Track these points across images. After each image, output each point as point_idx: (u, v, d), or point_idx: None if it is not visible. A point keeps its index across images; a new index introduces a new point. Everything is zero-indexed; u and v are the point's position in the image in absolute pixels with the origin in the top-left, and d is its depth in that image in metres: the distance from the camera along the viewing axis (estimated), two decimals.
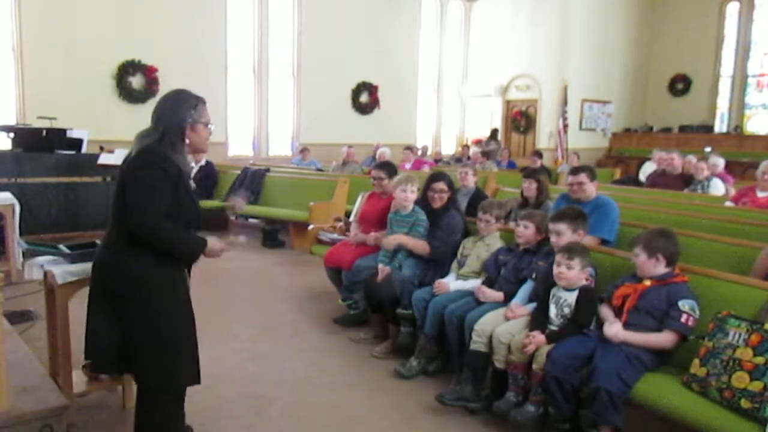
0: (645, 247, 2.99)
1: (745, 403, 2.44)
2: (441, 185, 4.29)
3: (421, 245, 4.16)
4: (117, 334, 2.39)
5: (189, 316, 2.53)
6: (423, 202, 4.38)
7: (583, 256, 3.17)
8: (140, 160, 2.32)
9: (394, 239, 4.17)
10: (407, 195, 4.28)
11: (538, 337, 3.06)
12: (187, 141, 2.46)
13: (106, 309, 2.40)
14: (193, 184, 2.53)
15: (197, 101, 2.48)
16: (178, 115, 2.41)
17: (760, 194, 5.49)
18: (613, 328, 2.90)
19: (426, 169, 9.54)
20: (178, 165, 2.37)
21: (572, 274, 3.15)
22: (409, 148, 10.79)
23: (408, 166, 10.08)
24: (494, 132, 14.02)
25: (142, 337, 2.37)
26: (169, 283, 2.44)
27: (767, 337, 2.50)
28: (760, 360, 2.47)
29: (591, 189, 4.21)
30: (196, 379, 2.55)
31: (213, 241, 2.52)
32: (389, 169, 4.90)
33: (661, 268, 2.97)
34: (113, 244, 2.40)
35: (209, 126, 2.53)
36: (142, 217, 2.28)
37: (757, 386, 2.43)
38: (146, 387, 2.49)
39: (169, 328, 2.42)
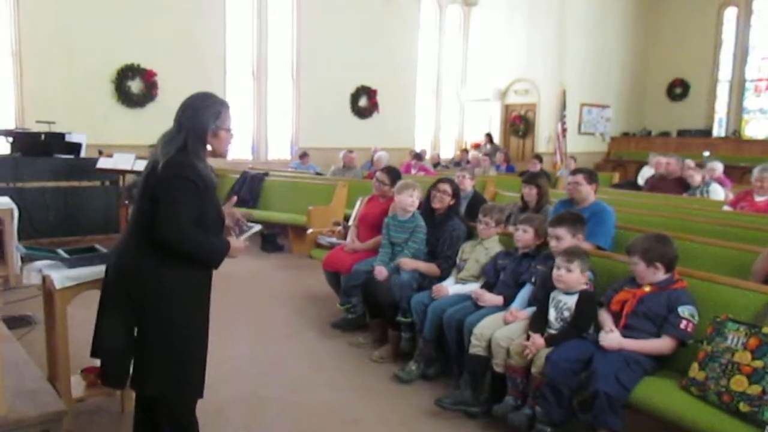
0: (643, 256, 2.99)
1: (743, 407, 2.44)
2: (445, 186, 4.32)
3: (433, 269, 4.18)
4: (129, 341, 2.37)
5: (206, 327, 2.52)
6: (425, 204, 4.40)
7: (583, 260, 3.18)
8: (170, 172, 2.30)
9: (411, 264, 4.17)
10: (413, 200, 4.30)
11: (538, 340, 3.06)
12: (209, 148, 2.44)
13: (121, 315, 2.38)
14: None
15: (221, 107, 2.45)
16: (201, 122, 2.38)
17: (758, 198, 5.51)
18: (610, 338, 2.89)
19: (421, 174, 9.54)
20: (204, 176, 2.36)
21: (572, 277, 3.16)
22: (418, 156, 10.79)
23: (414, 171, 10.09)
24: (489, 136, 14.12)
25: (158, 345, 2.35)
26: (192, 292, 2.43)
27: (766, 341, 2.50)
28: (758, 363, 2.48)
29: (587, 191, 4.20)
30: (200, 393, 2.54)
31: (234, 241, 2.55)
32: (393, 174, 4.93)
33: (660, 274, 2.98)
34: (135, 250, 2.36)
35: (232, 130, 2.51)
36: (172, 228, 2.27)
37: (755, 390, 2.44)
38: (155, 398, 2.46)
39: (188, 338, 2.41)
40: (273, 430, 3.21)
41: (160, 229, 2.27)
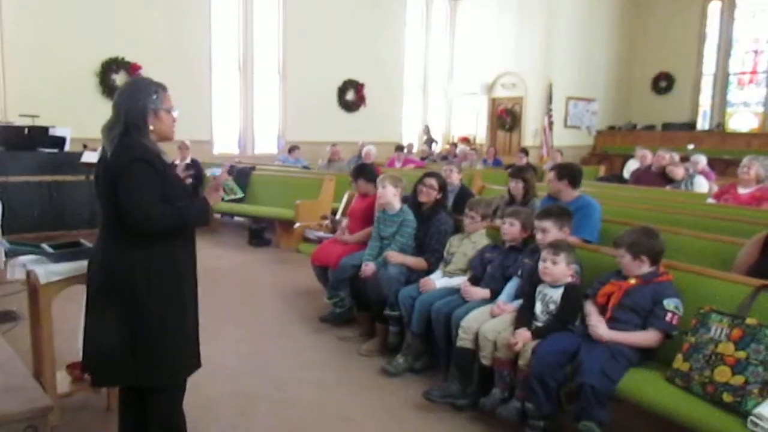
0: (629, 248, 3.01)
1: (727, 397, 2.47)
2: (431, 181, 4.32)
3: (421, 263, 4.17)
4: (118, 337, 2.33)
5: (196, 305, 2.54)
6: (412, 198, 4.40)
7: (568, 252, 3.20)
8: (123, 158, 2.27)
9: (397, 258, 4.16)
10: (390, 190, 4.31)
11: (524, 334, 3.07)
12: (152, 128, 2.39)
13: (114, 311, 2.34)
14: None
15: (157, 87, 2.43)
16: (139, 103, 2.35)
17: (742, 191, 5.56)
18: (600, 330, 2.91)
19: (410, 167, 9.57)
20: (158, 153, 2.35)
21: (558, 269, 3.17)
22: (400, 149, 10.81)
23: (398, 164, 10.09)
24: (427, 127, 14.44)
25: (143, 331, 2.33)
26: (182, 275, 2.44)
27: (749, 332, 2.54)
28: (741, 354, 2.51)
29: (559, 186, 4.21)
30: (198, 364, 2.55)
31: (208, 194, 2.52)
32: (357, 172, 5.00)
33: (645, 267, 3.00)
34: (119, 244, 2.34)
35: (173, 112, 2.48)
36: (139, 215, 2.24)
37: (738, 380, 2.47)
38: (150, 388, 2.44)
39: (183, 321, 2.43)
40: (261, 428, 3.20)
41: (128, 219, 2.25)
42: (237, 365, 3.95)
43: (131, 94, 2.37)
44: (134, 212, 2.24)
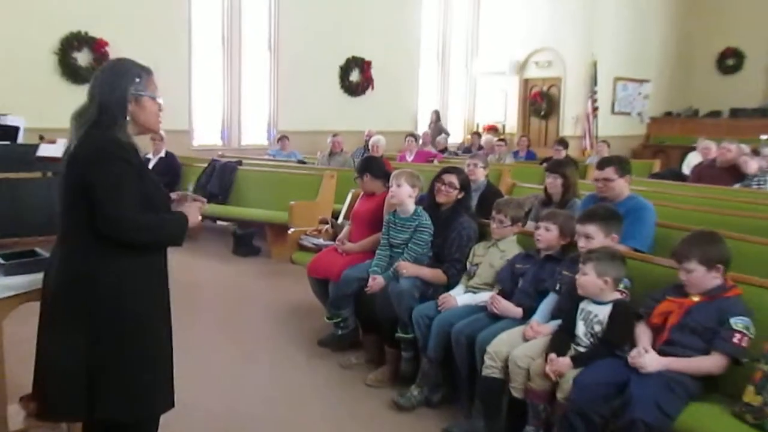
0: (702, 259, 2.95)
1: None
2: (451, 178, 4.31)
3: (439, 276, 4.17)
4: (80, 363, 2.34)
5: (170, 327, 2.56)
6: (428, 198, 4.40)
7: (599, 260, 3.17)
8: (93, 154, 2.29)
9: (411, 269, 4.15)
10: (394, 188, 4.32)
11: (561, 361, 3.06)
12: (132, 118, 2.41)
13: (75, 331, 2.35)
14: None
15: (141, 71, 2.45)
16: (119, 87, 2.37)
17: None
18: (646, 360, 2.88)
19: (436, 163, 9.56)
20: (135, 148, 2.37)
21: (587, 281, 3.16)
22: (413, 136, 10.80)
23: (410, 158, 10.09)
24: (437, 114, 14.26)
25: (114, 357, 2.34)
26: (154, 291, 2.47)
27: None
28: None
29: (621, 186, 4.18)
30: (171, 403, 2.56)
31: (189, 212, 2.53)
32: (365, 166, 5.02)
33: (718, 280, 2.98)
34: (83, 253, 2.35)
35: (158, 99, 2.50)
36: (116, 219, 2.27)
37: None
38: (116, 424, 2.45)
39: (156, 343, 2.45)
40: None
41: (103, 223, 2.27)
42: (221, 395, 3.96)
43: (109, 77, 2.40)
44: (110, 218, 2.26)
